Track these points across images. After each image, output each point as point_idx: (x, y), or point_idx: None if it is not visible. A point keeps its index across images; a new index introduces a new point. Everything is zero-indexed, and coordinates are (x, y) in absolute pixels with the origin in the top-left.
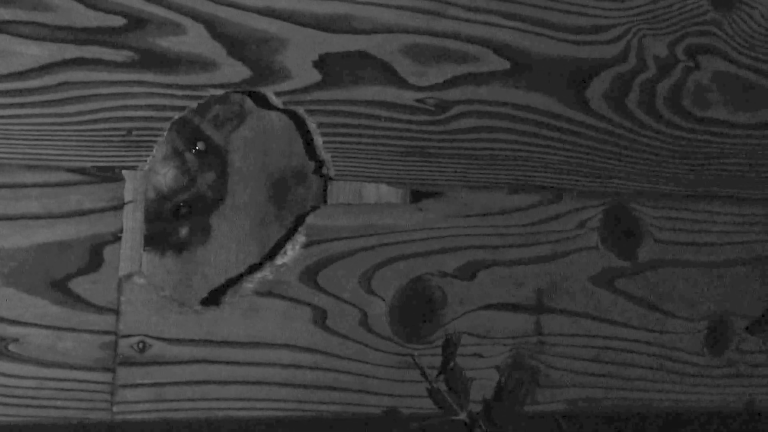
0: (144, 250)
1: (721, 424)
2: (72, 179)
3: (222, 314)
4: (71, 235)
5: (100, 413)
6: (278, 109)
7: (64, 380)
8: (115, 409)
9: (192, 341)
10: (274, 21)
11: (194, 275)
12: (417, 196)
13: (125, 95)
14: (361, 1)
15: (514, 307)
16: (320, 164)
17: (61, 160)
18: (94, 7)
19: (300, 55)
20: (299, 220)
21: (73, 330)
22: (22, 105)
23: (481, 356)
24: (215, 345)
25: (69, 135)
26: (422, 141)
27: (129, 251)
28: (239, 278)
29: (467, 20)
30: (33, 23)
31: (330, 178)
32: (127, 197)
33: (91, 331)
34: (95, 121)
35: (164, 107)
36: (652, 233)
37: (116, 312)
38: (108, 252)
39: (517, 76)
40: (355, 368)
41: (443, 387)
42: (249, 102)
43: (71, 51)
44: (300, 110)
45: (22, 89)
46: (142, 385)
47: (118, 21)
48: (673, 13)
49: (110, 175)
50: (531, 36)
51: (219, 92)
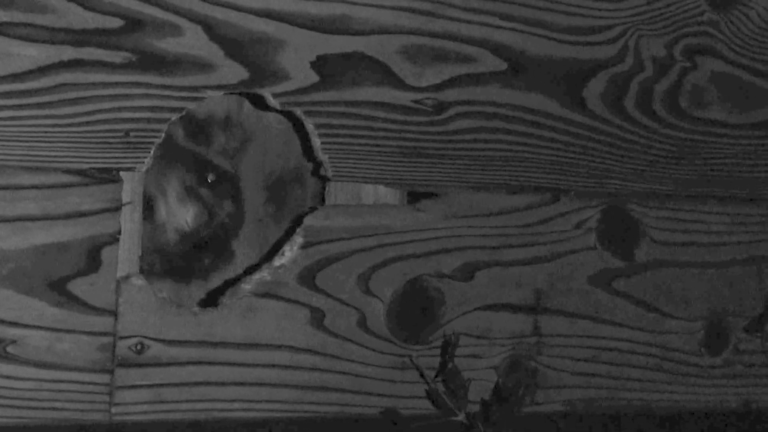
0: (167, 281)
1: (719, 424)
2: (70, 181)
3: (220, 315)
4: (69, 237)
5: (99, 415)
6: (276, 111)
7: (63, 382)
8: (114, 411)
9: (190, 342)
10: (272, 22)
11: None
12: (415, 197)
13: (123, 97)
14: (359, 2)
15: (512, 308)
16: (318, 165)
17: (59, 162)
18: (92, 9)
19: (297, 57)
20: (297, 222)
21: (72, 331)
22: (20, 107)
23: (479, 357)
24: (213, 346)
25: (67, 136)
26: (420, 142)
27: (127, 253)
28: (237, 280)
29: (464, 21)
30: (30, 25)
31: (328, 179)
32: (125, 199)
33: (89, 333)
34: (93, 123)
35: (162, 109)
36: (650, 234)
37: (114, 313)
38: (106, 253)
39: (515, 77)
40: (353, 369)
41: (441, 388)
42: (251, 118)
43: (69, 53)
44: (298, 111)
45: (20, 91)
46: (141, 387)
47: (116, 22)
48: (670, 14)
49: (108, 177)
50: (528, 37)
51: (217, 93)
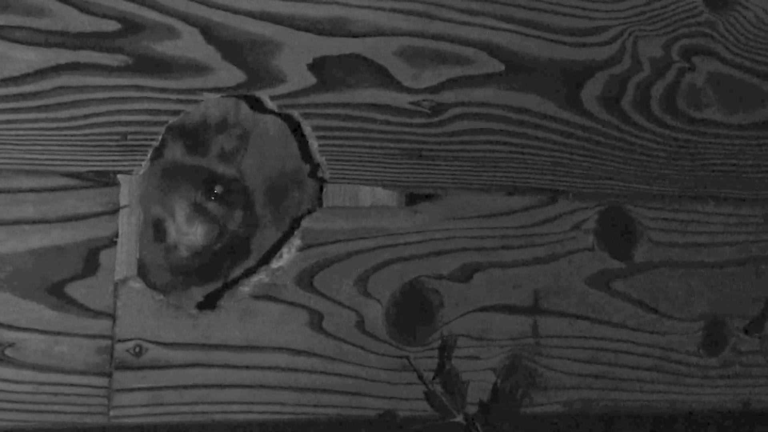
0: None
1: (718, 425)
2: (67, 184)
3: (218, 318)
4: (67, 240)
5: (97, 417)
6: (273, 113)
7: (61, 385)
8: (112, 414)
9: (188, 345)
10: (269, 24)
11: None
12: (413, 199)
13: (120, 100)
14: (356, 4)
15: (511, 309)
16: (316, 167)
17: (57, 165)
18: (89, 12)
19: (295, 59)
20: (295, 224)
21: (70, 334)
22: (17, 110)
23: (478, 358)
24: (211, 348)
25: (64, 140)
26: (417, 143)
27: (125, 256)
28: (235, 282)
29: (461, 23)
30: (28, 28)
31: (325, 181)
32: (123, 202)
33: (88, 336)
34: (90, 126)
35: (159, 111)
36: (648, 234)
37: (112, 316)
38: (104, 256)
39: (512, 78)
40: (352, 371)
41: (440, 389)
42: (248, 118)
43: (66, 56)
44: (295, 113)
45: (17, 94)
46: (139, 389)
47: (113, 26)
48: (668, 15)
49: (106, 180)
50: (526, 38)
51: (214, 96)
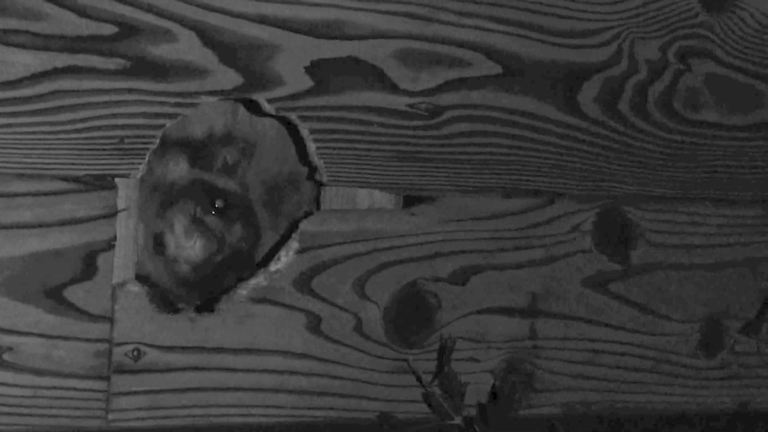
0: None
1: (716, 426)
2: (65, 188)
3: (216, 321)
4: (65, 244)
5: (95, 421)
6: (271, 116)
7: (59, 389)
8: (110, 417)
9: (186, 348)
10: (266, 27)
11: None
12: (410, 201)
13: (117, 103)
14: (353, 7)
15: (508, 311)
16: (313, 170)
17: (54, 169)
18: (86, 16)
19: (292, 62)
20: (293, 227)
21: (68, 338)
22: (15, 114)
23: (476, 360)
24: (210, 352)
25: (61, 143)
26: (415, 146)
27: (123, 259)
28: (233, 285)
29: (458, 25)
30: (24, 32)
31: (323, 184)
32: (120, 205)
33: (86, 340)
34: (88, 130)
35: (156, 115)
36: (645, 236)
37: (110, 320)
38: (102, 260)
39: (509, 81)
40: (350, 374)
41: (438, 391)
42: (249, 127)
43: (63, 59)
44: (292, 116)
45: (14, 98)
46: (137, 393)
47: (110, 29)
48: (664, 16)
49: (103, 184)
50: (523, 40)
51: (211, 99)
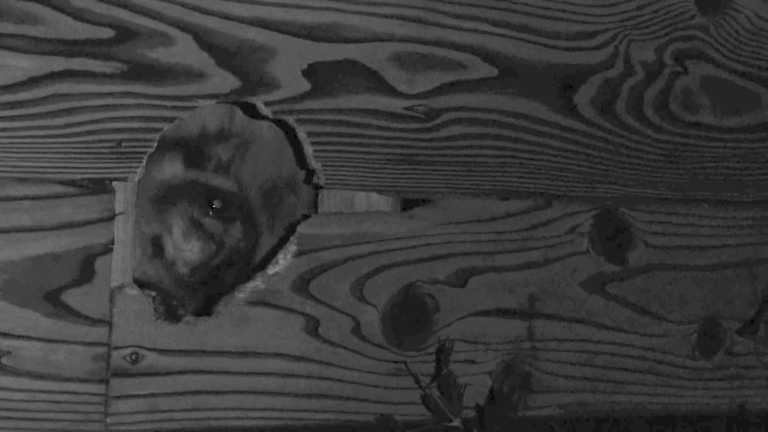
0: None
1: (713, 427)
2: (62, 191)
3: (214, 324)
4: (62, 248)
5: (94, 425)
6: (268, 119)
7: (57, 392)
8: (109, 421)
9: (185, 352)
10: (263, 31)
11: None
12: (407, 204)
13: (115, 107)
14: (349, 10)
15: (506, 313)
16: (311, 173)
17: (52, 173)
18: (83, 20)
19: (289, 65)
20: (290, 230)
21: (66, 342)
22: (12, 118)
23: (474, 362)
24: (208, 355)
25: (59, 147)
26: (412, 149)
27: (121, 263)
28: (231, 288)
29: (455, 28)
30: (21, 36)
31: (320, 187)
32: (118, 209)
33: (84, 343)
34: (85, 133)
35: (154, 118)
36: (643, 237)
37: (109, 323)
38: (99, 264)
39: (506, 83)
40: (348, 376)
41: (436, 393)
42: (244, 127)
43: (60, 63)
44: (290, 120)
45: (11, 102)
46: (136, 397)
47: (107, 33)
48: (660, 18)
49: (101, 187)
50: (519, 43)
51: (208, 103)
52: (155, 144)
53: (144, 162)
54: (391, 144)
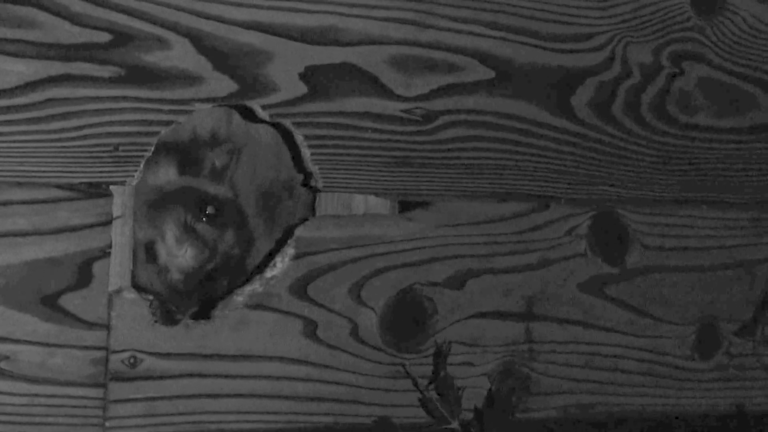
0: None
1: (712, 428)
2: (60, 195)
3: (212, 328)
4: (60, 252)
5: (93, 429)
6: (265, 122)
7: (56, 397)
8: (108, 425)
9: (183, 355)
10: (259, 34)
11: None
12: (405, 207)
13: (112, 111)
14: (346, 13)
15: (504, 316)
16: (308, 176)
17: (49, 177)
18: (80, 24)
19: (286, 68)
20: (288, 233)
21: (64, 346)
22: (9, 122)
23: (472, 364)
24: (206, 358)
25: (56, 151)
26: (409, 151)
27: (118, 266)
28: (226, 292)
29: (452, 30)
30: (18, 41)
31: (318, 190)
32: (116, 212)
33: (82, 347)
34: (82, 138)
35: (151, 122)
36: (640, 239)
37: (107, 327)
38: (97, 268)
39: (503, 86)
40: (347, 379)
41: (434, 396)
42: (240, 131)
43: (57, 68)
44: (287, 123)
45: (9, 107)
46: (134, 400)
47: (104, 37)
48: (657, 20)
49: (98, 191)
50: (516, 45)
51: (206, 106)
52: (153, 148)
53: (141, 166)
54: (389, 147)
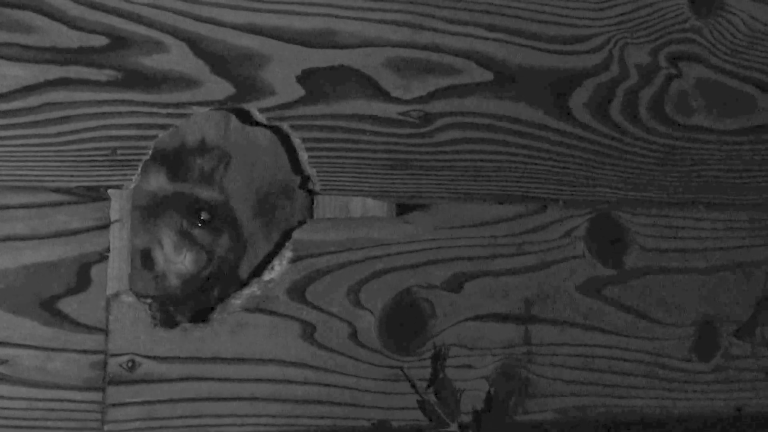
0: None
1: (711, 430)
2: (58, 199)
3: (210, 331)
4: (58, 256)
5: None
6: (263, 125)
7: (54, 401)
8: (106, 428)
9: (181, 359)
10: (257, 37)
11: None
12: (403, 209)
13: (109, 114)
14: (343, 16)
15: (503, 318)
16: (306, 179)
17: (47, 181)
18: (77, 28)
19: (283, 71)
20: (286, 236)
21: (63, 350)
22: (6, 126)
23: (471, 367)
24: (204, 362)
25: (54, 155)
26: (407, 154)
27: (116, 270)
28: (227, 295)
29: (449, 33)
30: (15, 45)
31: (316, 193)
32: (114, 216)
33: (81, 351)
34: (80, 141)
35: (148, 126)
36: (638, 241)
37: (105, 331)
38: (95, 271)
39: (500, 88)
40: (345, 382)
41: (433, 399)
42: (237, 133)
43: (54, 71)
44: (284, 126)
45: (6, 111)
46: (132, 404)
47: (101, 41)
48: (654, 21)
49: (96, 195)
50: (513, 47)
51: (203, 109)
52: (150, 152)
53: (139, 170)
54: (387, 149)
